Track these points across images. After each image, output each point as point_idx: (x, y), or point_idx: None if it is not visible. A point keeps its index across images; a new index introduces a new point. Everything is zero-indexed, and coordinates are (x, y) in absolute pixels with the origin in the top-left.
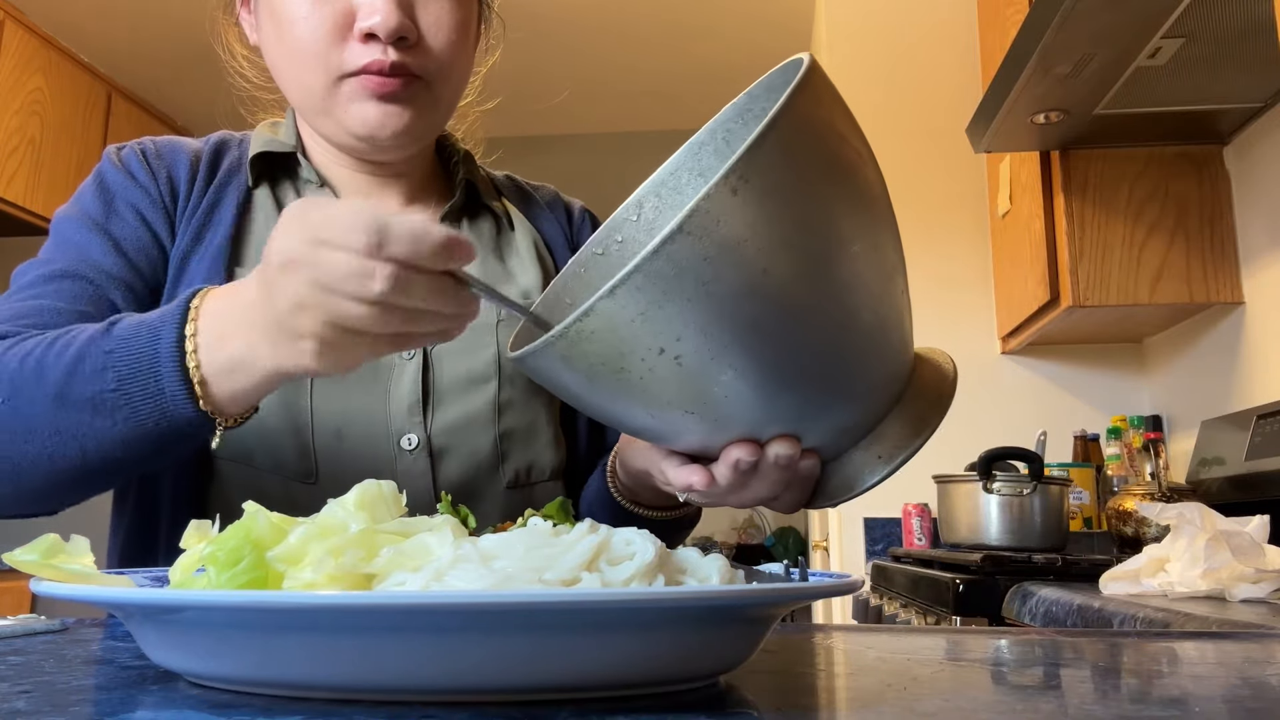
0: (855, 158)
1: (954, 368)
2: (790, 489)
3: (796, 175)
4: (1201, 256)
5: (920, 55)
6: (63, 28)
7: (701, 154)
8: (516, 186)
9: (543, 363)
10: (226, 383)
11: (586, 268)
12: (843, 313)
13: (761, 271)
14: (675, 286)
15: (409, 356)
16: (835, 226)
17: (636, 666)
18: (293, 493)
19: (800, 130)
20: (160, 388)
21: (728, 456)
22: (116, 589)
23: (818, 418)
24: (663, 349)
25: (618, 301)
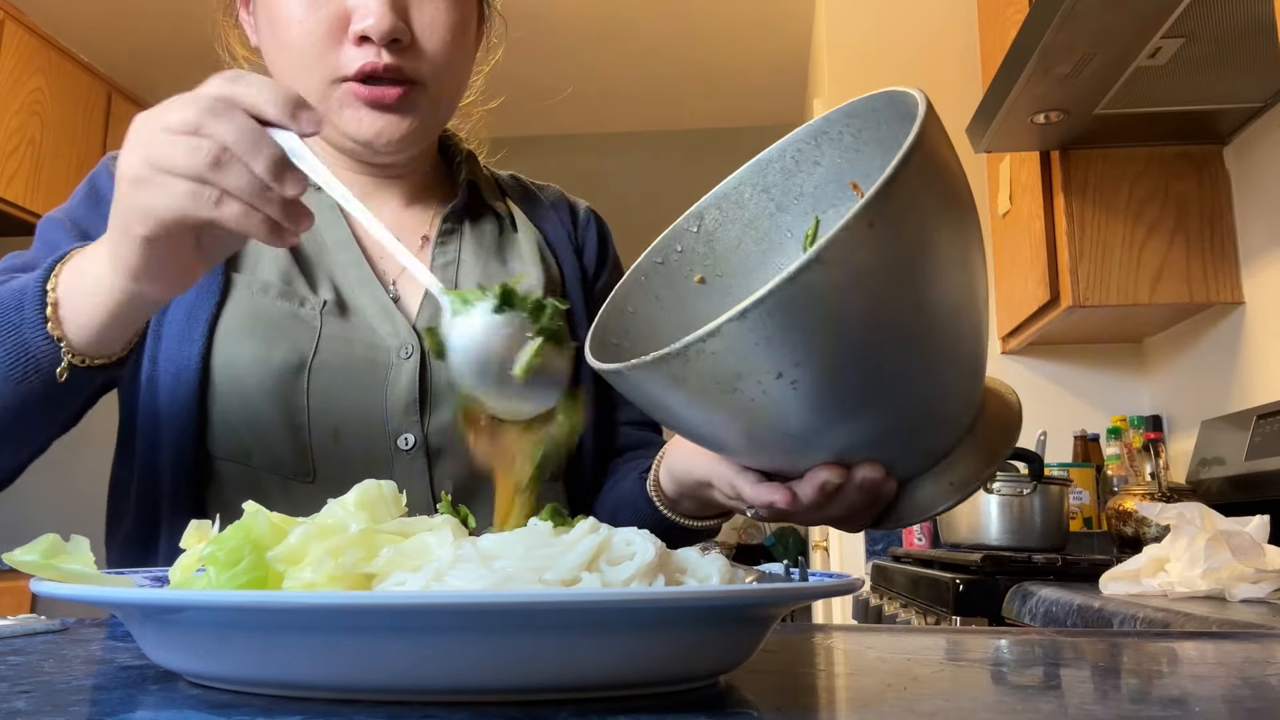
0: (966, 193)
1: (1018, 399)
2: (866, 511)
3: (924, 210)
4: (1201, 256)
5: (920, 55)
6: (63, 28)
7: (768, 171)
8: (521, 186)
9: (645, 378)
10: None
11: (647, 276)
12: (946, 343)
13: (885, 303)
14: (804, 314)
15: (406, 356)
16: (949, 259)
17: (636, 666)
18: (291, 492)
19: (927, 167)
20: (21, 318)
21: (814, 477)
22: (116, 589)
23: (904, 444)
24: (780, 373)
25: (746, 324)
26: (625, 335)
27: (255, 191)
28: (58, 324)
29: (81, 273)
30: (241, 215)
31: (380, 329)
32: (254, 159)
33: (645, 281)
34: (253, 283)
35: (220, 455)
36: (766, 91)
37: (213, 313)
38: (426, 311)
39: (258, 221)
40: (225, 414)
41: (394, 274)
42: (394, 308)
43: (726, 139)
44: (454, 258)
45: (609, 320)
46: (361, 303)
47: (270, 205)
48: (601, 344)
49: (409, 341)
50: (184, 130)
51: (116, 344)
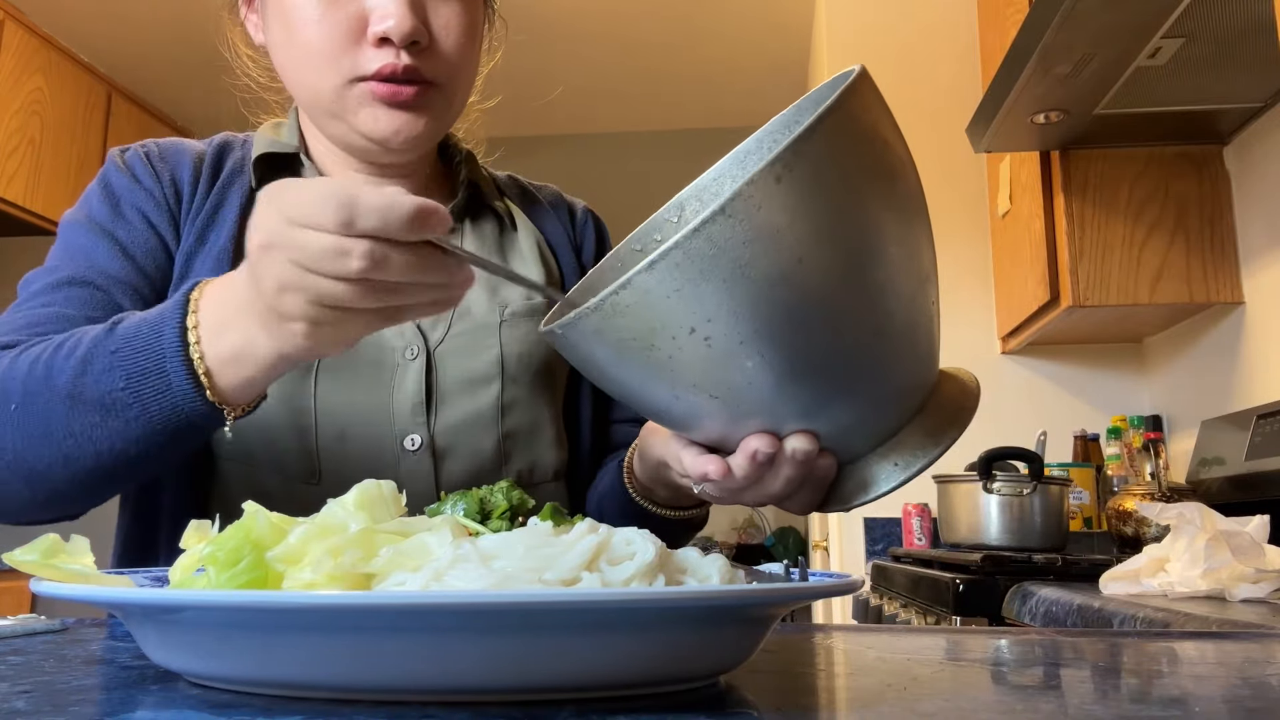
0: (898, 164)
1: (977, 386)
2: (804, 488)
3: (840, 171)
4: (1201, 256)
5: (920, 55)
6: (63, 28)
7: (747, 162)
8: (519, 186)
9: (575, 336)
10: (232, 372)
11: (624, 262)
12: (873, 313)
13: (797, 260)
14: (712, 267)
15: (412, 356)
16: (873, 226)
17: (636, 666)
18: (295, 493)
19: (847, 129)
20: (168, 383)
21: (746, 447)
22: (116, 589)
23: (838, 417)
24: (693, 328)
25: (655, 276)
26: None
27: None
28: (215, 391)
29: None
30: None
31: (386, 330)
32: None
33: (621, 268)
34: None
35: (224, 455)
36: (766, 91)
37: None
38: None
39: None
40: None
41: None
42: None
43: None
44: None
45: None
46: None
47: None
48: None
49: (414, 342)
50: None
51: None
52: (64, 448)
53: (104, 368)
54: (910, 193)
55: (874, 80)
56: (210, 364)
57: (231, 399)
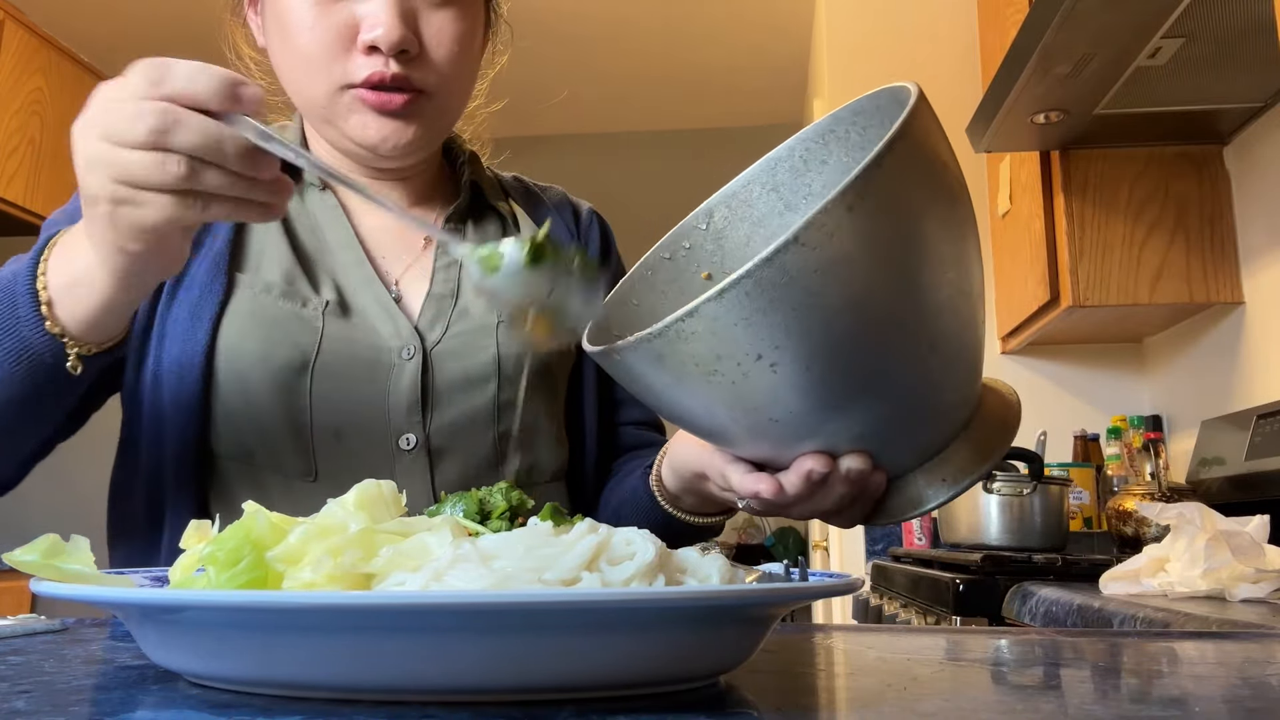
0: (956, 185)
1: (1017, 399)
2: (855, 505)
3: (908, 198)
4: (1201, 256)
5: (920, 55)
6: (63, 28)
7: (777, 170)
8: (524, 187)
9: (632, 359)
10: (71, 300)
11: (654, 270)
12: (933, 335)
13: (866, 288)
14: (783, 295)
15: (409, 356)
16: (936, 251)
17: (636, 666)
18: (293, 491)
19: (913, 155)
20: (16, 315)
21: (800, 466)
22: (116, 589)
23: (891, 435)
24: (760, 355)
25: (724, 305)
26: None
27: (235, 186)
28: (55, 321)
29: (72, 268)
30: (231, 210)
31: (382, 329)
32: (225, 158)
33: (651, 276)
34: (256, 283)
35: (223, 454)
36: (766, 92)
37: (216, 312)
38: (428, 312)
39: (247, 210)
40: (229, 413)
41: (396, 274)
42: (396, 308)
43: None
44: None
45: (612, 312)
46: (364, 303)
47: (254, 191)
48: (603, 335)
49: (411, 342)
50: (145, 145)
51: (117, 328)
52: None
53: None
54: (966, 213)
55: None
56: (52, 293)
57: (76, 331)
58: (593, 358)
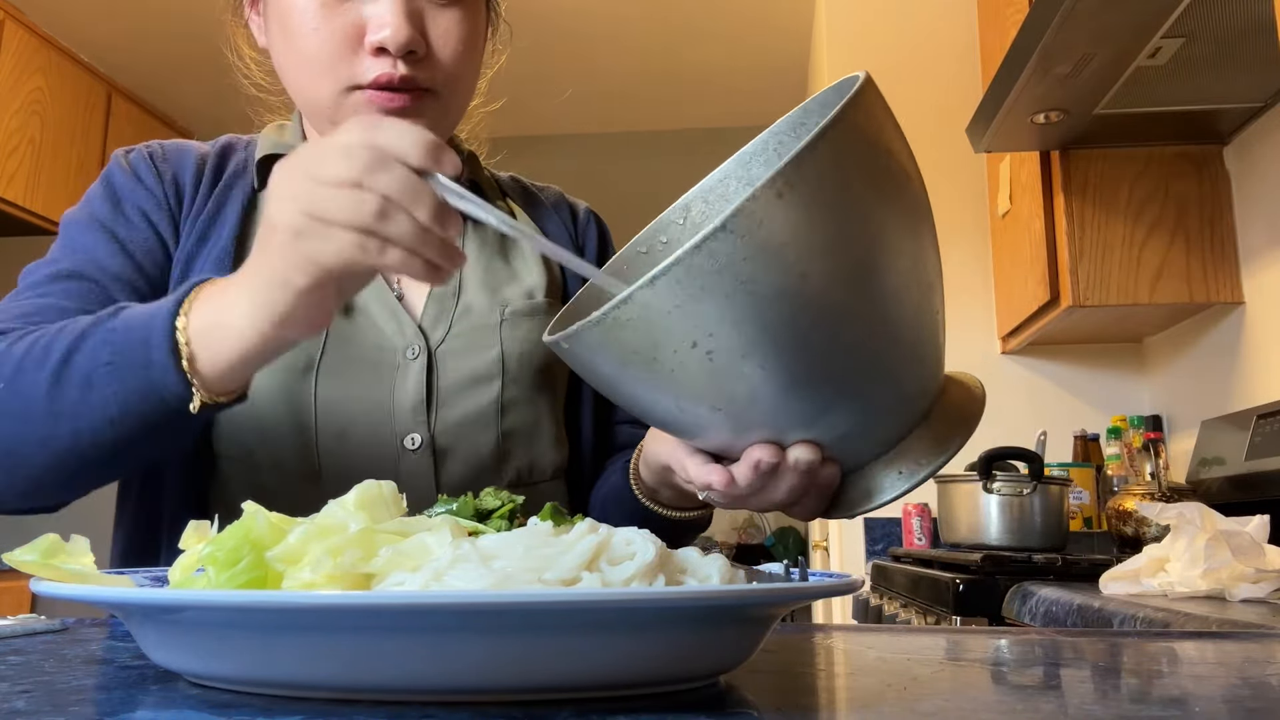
0: (902, 173)
1: (983, 392)
2: (809, 496)
3: (843, 185)
4: (1201, 256)
5: (920, 55)
6: (63, 28)
7: (752, 164)
8: (522, 187)
9: (578, 347)
10: (210, 344)
11: (630, 264)
12: (877, 324)
13: (800, 275)
14: (713, 282)
15: (413, 356)
16: (877, 238)
17: (636, 666)
18: (296, 492)
19: (850, 141)
20: (149, 358)
21: (749, 457)
22: (116, 589)
23: (842, 426)
24: (695, 342)
25: (656, 292)
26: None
27: (419, 238)
28: (193, 368)
29: (218, 313)
30: (404, 261)
31: (386, 328)
32: (416, 208)
33: (626, 270)
34: None
35: (224, 453)
36: (766, 91)
37: None
38: (431, 311)
39: (419, 265)
40: (231, 413)
41: None
42: (399, 307)
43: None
44: None
45: (583, 305)
46: (367, 303)
47: (430, 249)
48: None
49: (415, 341)
50: (345, 184)
51: (242, 381)
52: (42, 428)
53: (96, 344)
54: (915, 201)
55: (878, 86)
56: (191, 334)
57: (211, 380)
58: (549, 347)
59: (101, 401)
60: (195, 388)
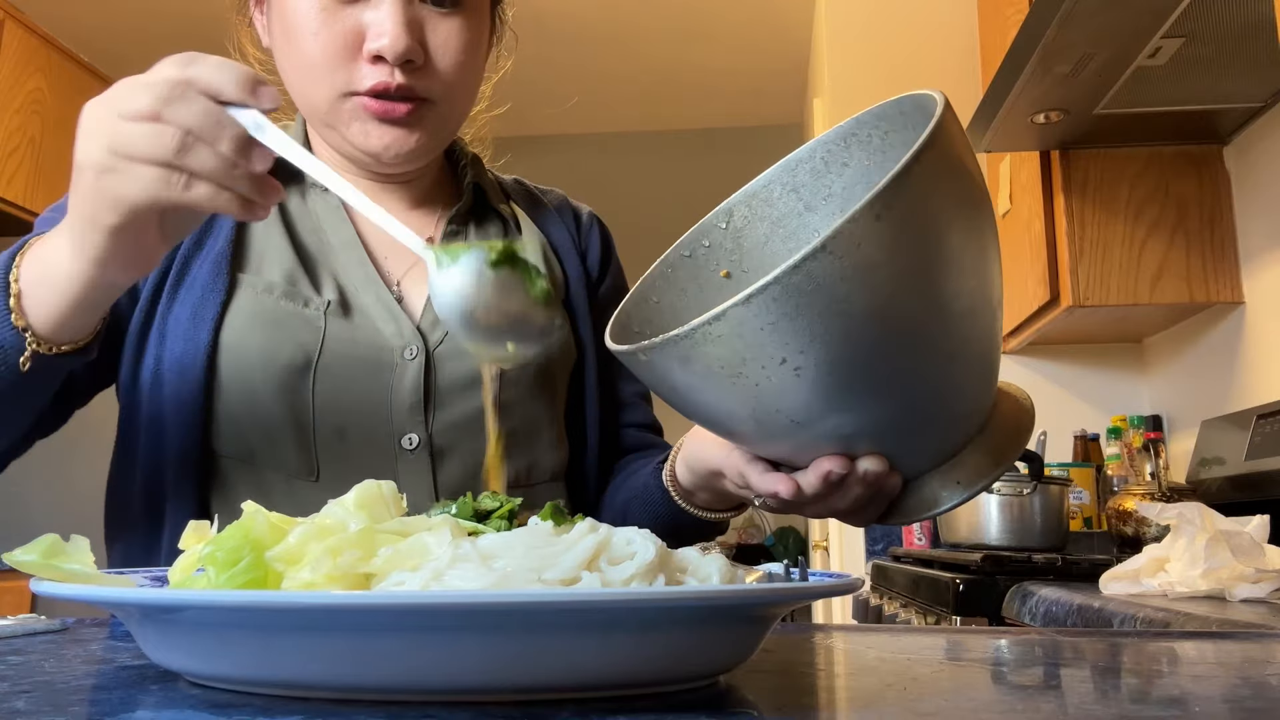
0: (980, 195)
1: (1031, 404)
2: (869, 505)
3: (934, 207)
4: (1201, 256)
5: (920, 55)
6: (63, 28)
7: (798, 171)
8: (525, 190)
9: (658, 359)
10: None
11: (674, 268)
12: (954, 342)
13: (889, 296)
14: (809, 302)
15: (411, 356)
16: (959, 260)
17: (637, 666)
18: (296, 491)
19: (940, 165)
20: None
21: (819, 467)
22: (116, 589)
23: (909, 439)
24: (784, 359)
25: (751, 309)
26: (648, 325)
27: (223, 171)
28: (21, 314)
29: (43, 261)
30: (212, 195)
31: (385, 329)
32: (218, 140)
33: (671, 274)
34: (258, 283)
35: (224, 453)
36: (766, 92)
37: (218, 312)
38: (430, 313)
39: (227, 199)
40: (230, 412)
41: (398, 274)
42: (398, 308)
43: (726, 139)
44: None
45: (633, 309)
46: (366, 302)
47: (239, 182)
48: (624, 332)
49: (413, 342)
50: (144, 117)
51: (83, 330)
52: None
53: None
54: (989, 221)
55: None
56: (23, 286)
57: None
58: (618, 357)
59: None
60: (28, 339)
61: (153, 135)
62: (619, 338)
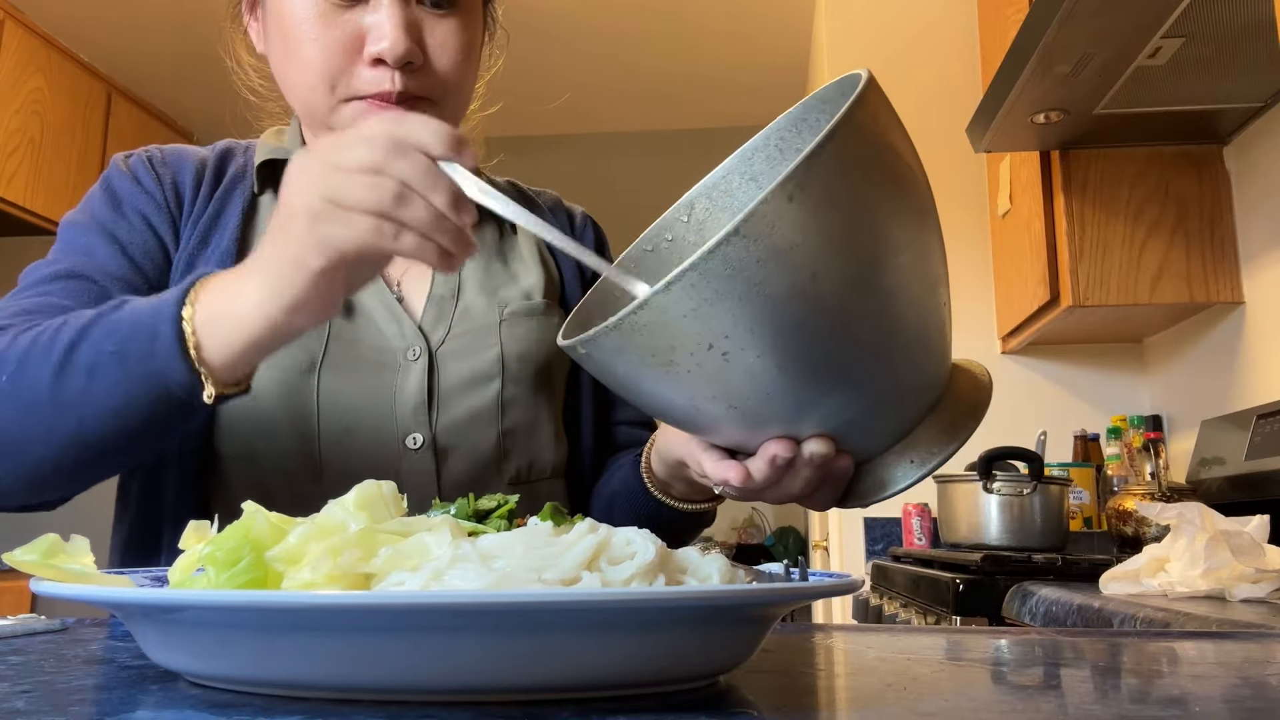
0: (907, 171)
1: (989, 380)
2: (823, 488)
3: (850, 186)
4: (1201, 256)
5: (920, 55)
6: (63, 28)
7: (754, 159)
8: (518, 192)
9: (595, 351)
10: (217, 332)
11: (637, 264)
12: (886, 319)
13: (811, 276)
14: (727, 286)
15: (414, 357)
16: (884, 236)
17: (636, 666)
18: (297, 491)
19: (856, 142)
20: (154, 347)
21: (765, 452)
22: (116, 589)
23: (854, 419)
24: (711, 344)
25: (671, 297)
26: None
27: (433, 223)
28: (200, 357)
29: (226, 302)
30: (418, 245)
31: (387, 330)
32: (432, 194)
33: (634, 269)
34: None
35: (227, 453)
36: (766, 91)
37: None
38: (431, 313)
39: (432, 250)
40: (234, 413)
41: (397, 275)
42: (399, 308)
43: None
44: None
45: (593, 305)
46: (368, 304)
47: (444, 236)
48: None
49: (416, 342)
50: (366, 169)
51: (249, 369)
52: (47, 418)
53: (100, 334)
54: (920, 198)
55: (880, 86)
56: (198, 323)
57: (217, 368)
58: (564, 351)
59: (105, 391)
60: (204, 376)
61: (373, 186)
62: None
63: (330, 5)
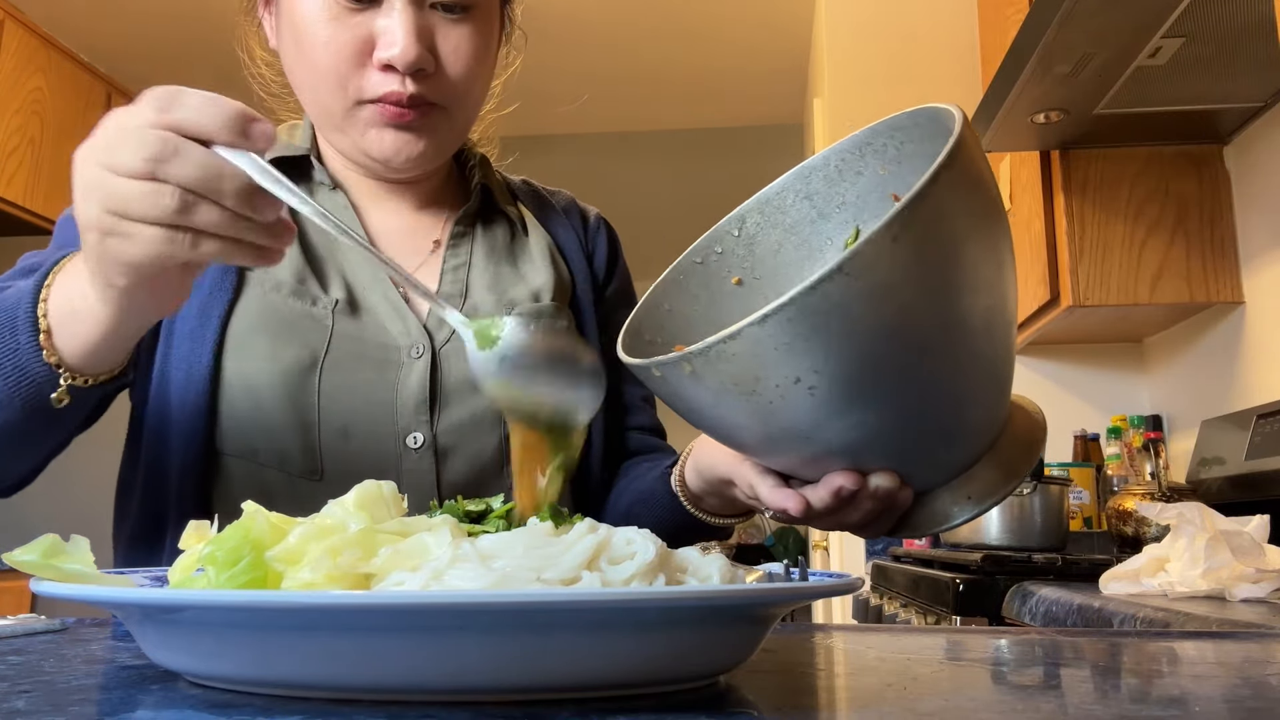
0: (996, 210)
1: (1043, 418)
2: (879, 519)
3: (951, 227)
4: (1201, 256)
5: (920, 55)
6: (62, 27)
7: (811, 179)
8: (533, 191)
9: (671, 375)
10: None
11: (686, 275)
12: (968, 359)
13: (907, 316)
14: (825, 322)
15: (417, 355)
16: (977, 276)
17: (636, 666)
18: (298, 490)
19: (957, 184)
20: (17, 342)
21: (830, 483)
22: (116, 589)
23: (922, 455)
24: (799, 378)
25: (766, 329)
26: (660, 332)
27: (230, 225)
28: (52, 350)
29: (70, 298)
30: (221, 249)
31: (392, 328)
32: (220, 195)
33: (683, 280)
34: (265, 281)
35: (228, 452)
36: (766, 92)
37: (225, 311)
38: (437, 312)
39: (242, 250)
40: (235, 412)
41: None
42: (405, 306)
43: (726, 139)
44: (465, 260)
45: (645, 317)
46: (373, 301)
47: (249, 233)
48: (636, 339)
49: (420, 341)
50: (138, 175)
51: (115, 360)
52: None
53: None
54: (1005, 236)
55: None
56: (52, 321)
57: (73, 361)
58: (631, 369)
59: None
60: (61, 373)
61: (151, 195)
62: (630, 345)
63: (342, 7)
